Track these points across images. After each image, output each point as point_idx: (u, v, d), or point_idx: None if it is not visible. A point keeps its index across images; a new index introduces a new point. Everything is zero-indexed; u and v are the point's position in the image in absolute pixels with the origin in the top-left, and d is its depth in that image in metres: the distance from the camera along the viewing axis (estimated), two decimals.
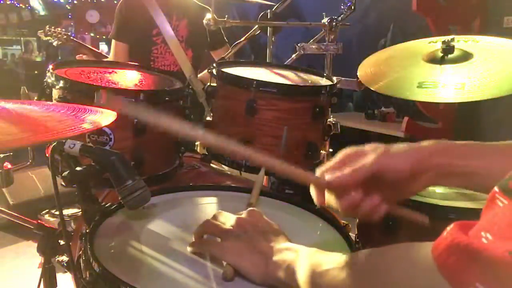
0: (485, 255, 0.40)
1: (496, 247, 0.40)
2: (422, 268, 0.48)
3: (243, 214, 0.81)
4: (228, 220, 0.80)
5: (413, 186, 0.73)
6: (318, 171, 0.75)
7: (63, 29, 2.95)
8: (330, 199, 0.74)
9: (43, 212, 3.09)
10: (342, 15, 1.68)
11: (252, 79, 1.21)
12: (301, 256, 0.68)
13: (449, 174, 0.69)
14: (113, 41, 2.42)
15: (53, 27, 2.95)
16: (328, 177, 0.72)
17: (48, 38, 2.94)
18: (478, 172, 0.67)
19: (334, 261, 0.62)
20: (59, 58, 5.83)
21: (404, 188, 0.73)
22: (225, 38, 2.49)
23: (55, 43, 2.93)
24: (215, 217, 0.83)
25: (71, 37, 2.90)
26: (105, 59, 2.53)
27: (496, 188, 0.44)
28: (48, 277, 0.97)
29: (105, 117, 0.81)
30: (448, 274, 0.43)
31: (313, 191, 0.76)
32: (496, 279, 0.40)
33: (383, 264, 0.56)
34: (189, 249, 0.80)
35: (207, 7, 2.29)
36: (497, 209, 0.43)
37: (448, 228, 0.45)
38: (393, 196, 0.75)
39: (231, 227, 0.78)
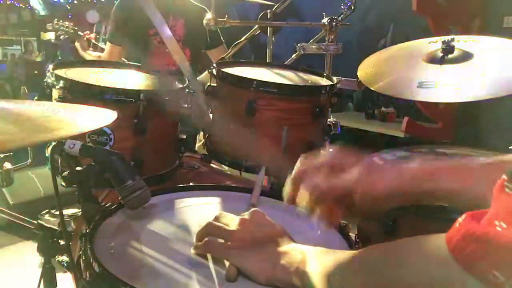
0: (500, 243, 0.41)
1: (511, 234, 0.40)
2: (438, 260, 0.48)
3: (246, 215, 0.81)
4: (231, 221, 0.80)
5: (386, 205, 0.76)
6: (300, 164, 0.77)
7: (71, 24, 2.97)
8: (301, 198, 0.77)
9: (43, 212, 3.08)
10: (342, 15, 1.67)
11: (252, 79, 1.21)
12: (309, 257, 0.68)
13: (430, 197, 0.71)
14: (107, 43, 2.43)
15: (60, 21, 2.96)
16: (309, 183, 0.74)
17: (56, 32, 2.97)
18: (460, 194, 0.67)
19: (345, 260, 0.62)
20: (59, 58, 5.82)
21: (376, 206, 0.75)
22: (221, 38, 2.49)
23: (61, 37, 2.94)
24: (217, 218, 0.82)
25: (78, 32, 2.91)
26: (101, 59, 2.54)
27: (504, 176, 0.44)
28: (48, 277, 0.97)
29: (105, 117, 0.81)
30: (465, 264, 0.44)
31: (287, 187, 0.79)
32: None
33: (396, 259, 0.56)
34: (193, 251, 0.80)
35: (204, 7, 2.29)
36: (507, 196, 0.43)
37: (460, 219, 0.46)
38: (361, 208, 0.76)
39: (235, 229, 0.78)
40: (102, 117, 0.81)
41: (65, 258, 1.03)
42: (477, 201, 0.62)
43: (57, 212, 0.84)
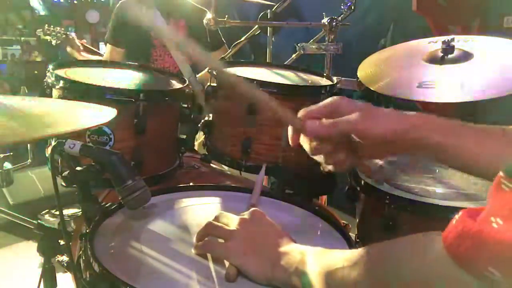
0: (496, 240, 0.41)
1: (506, 231, 0.41)
2: (434, 257, 0.48)
3: (246, 215, 0.81)
4: (230, 221, 0.80)
5: (385, 151, 0.78)
6: (302, 112, 0.77)
7: (62, 28, 2.96)
8: (304, 140, 0.78)
9: (43, 212, 3.08)
10: (342, 15, 1.68)
11: (252, 79, 1.21)
12: (308, 257, 0.68)
13: (423, 148, 0.71)
14: (108, 45, 2.42)
15: (52, 26, 2.96)
16: (309, 124, 0.75)
17: (47, 37, 2.96)
18: (450, 149, 0.69)
19: (343, 259, 0.62)
20: (59, 58, 5.83)
21: (375, 151, 0.77)
22: (223, 39, 2.49)
23: (53, 42, 2.94)
24: (217, 218, 0.82)
25: (70, 36, 2.91)
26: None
27: (501, 173, 0.44)
28: (48, 277, 0.97)
29: (105, 116, 0.81)
30: (461, 261, 0.44)
31: (290, 131, 0.79)
32: (508, 262, 0.41)
33: (393, 257, 0.57)
34: (193, 251, 0.80)
35: (204, 8, 2.29)
36: (504, 194, 0.43)
37: (457, 216, 0.46)
38: (362, 154, 0.78)
39: (235, 229, 0.78)
40: (102, 116, 0.81)
41: (65, 258, 1.03)
42: (468, 161, 0.67)
43: (57, 212, 0.84)
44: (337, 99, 0.77)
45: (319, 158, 0.79)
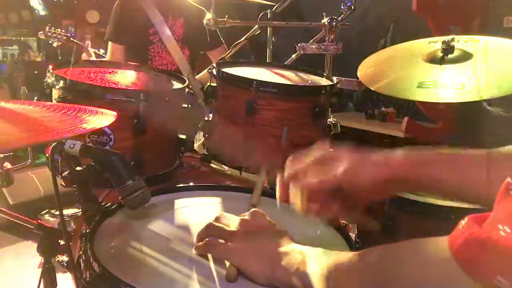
0: (504, 248, 0.41)
1: None
2: (440, 263, 0.48)
3: (247, 216, 0.81)
4: (231, 221, 0.80)
5: (377, 195, 0.79)
6: (288, 168, 0.79)
7: (63, 30, 2.97)
8: (293, 197, 0.79)
9: (43, 212, 3.09)
10: (342, 15, 1.67)
11: (252, 79, 1.21)
12: (309, 258, 0.68)
13: (416, 185, 0.73)
14: (109, 42, 2.42)
15: (53, 28, 2.97)
16: (296, 183, 0.77)
17: (48, 38, 2.96)
18: (443, 183, 0.69)
19: (345, 261, 0.62)
20: (59, 58, 5.83)
21: (367, 197, 0.78)
22: (221, 39, 2.49)
23: (55, 44, 2.94)
24: (217, 219, 0.82)
25: (71, 38, 2.91)
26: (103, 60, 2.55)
27: (509, 179, 0.44)
28: (48, 277, 0.97)
29: (105, 117, 0.81)
30: (468, 268, 0.44)
31: (278, 188, 0.81)
32: None
33: (397, 260, 0.56)
34: (194, 251, 0.80)
35: (203, 8, 2.29)
36: (511, 200, 0.43)
37: (463, 222, 0.46)
38: (354, 201, 0.79)
39: (235, 229, 0.78)
40: (102, 117, 0.81)
41: (65, 258, 1.03)
42: (465, 190, 0.66)
43: (57, 212, 0.84)
44: (320, 152, 0.78)
45: (310, 212, 0.79)
